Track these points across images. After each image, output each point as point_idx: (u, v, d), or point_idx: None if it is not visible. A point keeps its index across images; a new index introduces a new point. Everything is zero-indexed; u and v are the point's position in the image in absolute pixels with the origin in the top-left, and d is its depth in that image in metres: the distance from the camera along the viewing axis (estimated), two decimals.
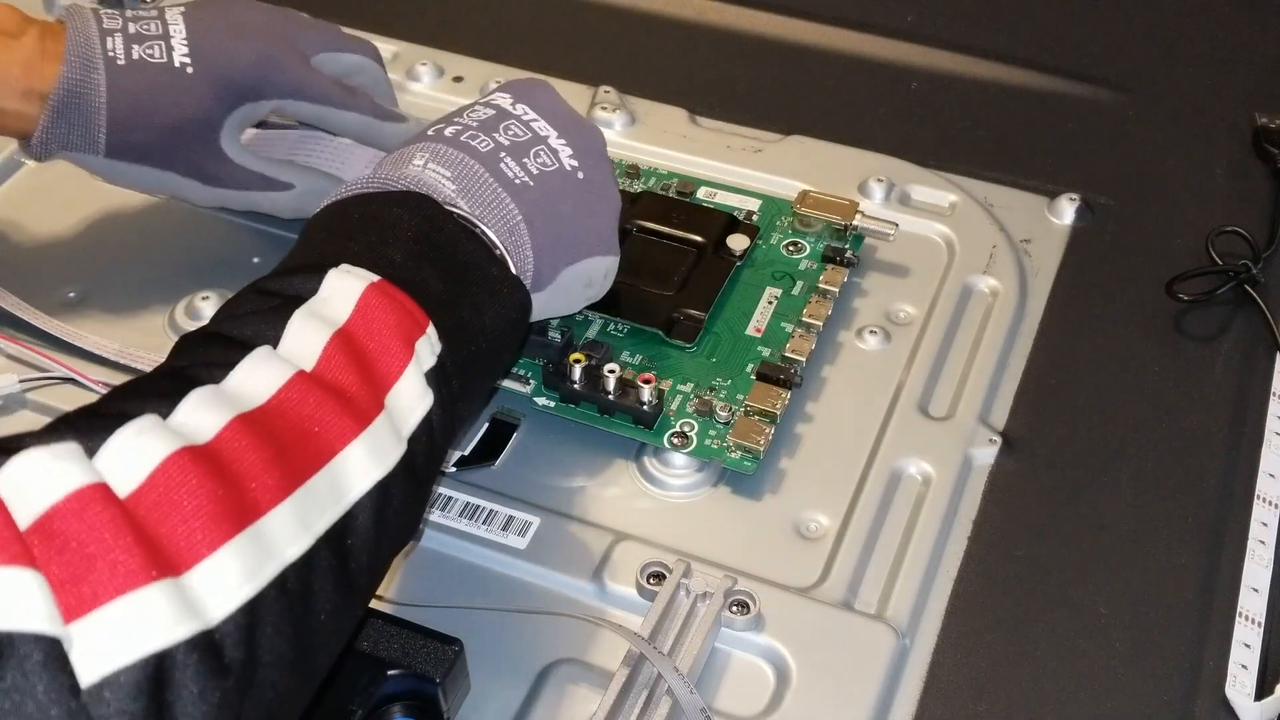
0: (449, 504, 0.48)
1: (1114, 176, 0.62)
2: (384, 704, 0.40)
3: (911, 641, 0.45)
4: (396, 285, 0.39)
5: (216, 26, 0.52)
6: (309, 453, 0.34)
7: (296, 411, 0.35)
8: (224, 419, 0.33)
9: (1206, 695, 0.44)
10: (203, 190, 0.53)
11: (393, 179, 0.43)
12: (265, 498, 0.33)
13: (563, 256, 0.46)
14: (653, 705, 0.41)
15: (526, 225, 0.45)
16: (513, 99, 0.48)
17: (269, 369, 0.35)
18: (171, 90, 0.51)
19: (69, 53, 0.49)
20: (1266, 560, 0.47)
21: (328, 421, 0.35)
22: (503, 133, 0.46)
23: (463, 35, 0.69)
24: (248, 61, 0.52)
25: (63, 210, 0.60)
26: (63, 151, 0.51)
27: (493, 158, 0.45)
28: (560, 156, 0.47)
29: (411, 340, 0.38)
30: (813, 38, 0.70)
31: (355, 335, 0.37)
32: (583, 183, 0.47)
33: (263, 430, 0.34)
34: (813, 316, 0.53)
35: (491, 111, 0.47)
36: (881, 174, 0.61)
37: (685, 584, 0.45)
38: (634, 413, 0.49)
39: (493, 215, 0.44)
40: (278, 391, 0.35)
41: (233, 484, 0.32)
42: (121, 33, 0.51)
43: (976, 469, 0.50)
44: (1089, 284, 0.57)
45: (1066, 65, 0.68)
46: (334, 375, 0.36)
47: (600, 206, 0.48)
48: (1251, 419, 0.52)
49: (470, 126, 0.46)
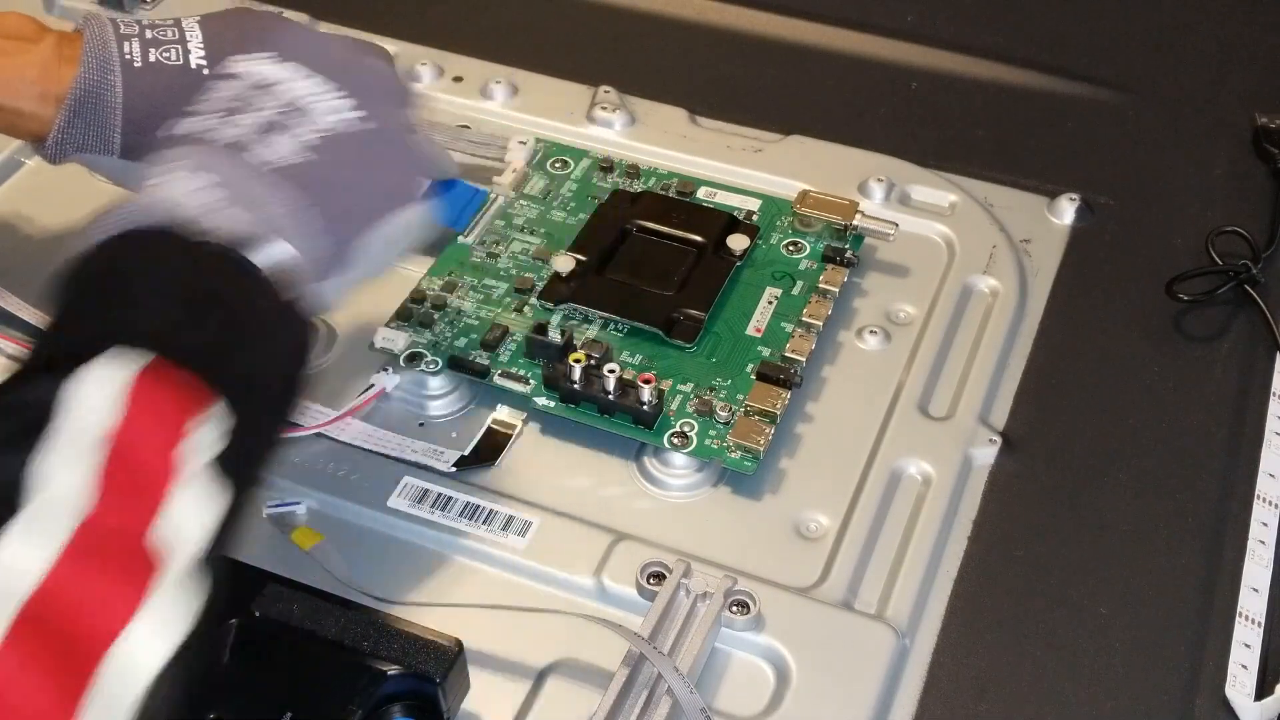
0: (449, 504, 0.48)
1: (1114, 176, 0.62)
2: (384, 704, 0.40)
3: (911, 641, 0.45)
4: (160, 363, 0.34)
5: (230, 33, 0.53)
6: (82, 654, 0.30)
7: (63, 600, 0.30)
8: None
9: (1206, 695, 0.44)
10: None
11: (131, 215, 0.39)
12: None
13: (354, 227, 0.43)
14: (653, 705, 0.41)
15: (300, 216, 0.40)
16: (274, 57, 0.44)
17: (22, 545, 0.30)
18: (187, 91, 0.51)
19: (86, 55, 0.50)
20: (1266, 560, 0.47)
21: (98, 602, 0.30)
22: (257, 109, 0.42)
23: (463, 35, 0.69)
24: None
25: (63, 210, 0.60)
26: (77, 153, 0.51)
27: (249, 146, 0.41)
28: (336, 113, 0.43)
29: (188, 433, 0.33)
30: (813, 38, 0.70)
31: (120, 455, 0.32)
32: (370, 134, 0.43)
33: (28, 637, 0.29)
34: (813, 316, 0.53)
35: (246, 84, 0.43)
36: (881, 174, 0.61)
37: (685, 584, 0.45)
38: (634, 413, 0.49)
39: (255, 224, 0.39)
40: (40, 584, 0.30)
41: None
42: (138, 38, 0.51)
43: (976, 469, 0.50)
44: (1089, 284, 0.57)
45: (1066, 65, 0.68)
46: (99, 527, 0.31)
47: (389, 154, 0.44)
48: (1251, 419, 0.52)
49: (219, 111, 0.42)
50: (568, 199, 0.59)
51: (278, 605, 0.41)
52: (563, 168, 0.61)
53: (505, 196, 0.59)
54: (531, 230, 0.58)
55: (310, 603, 0.41)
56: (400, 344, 0.53)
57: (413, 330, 0.53)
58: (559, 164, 0.61)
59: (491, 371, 0.52)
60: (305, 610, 0.41)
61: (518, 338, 0.53)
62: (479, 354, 0.52)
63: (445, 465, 0.50)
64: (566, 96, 0.65)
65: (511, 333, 0.53)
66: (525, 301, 0.54)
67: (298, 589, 0.41)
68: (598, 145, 0.63)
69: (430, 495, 0.49)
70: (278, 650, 0.40)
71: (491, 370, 0.52)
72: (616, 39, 0.71)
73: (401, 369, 0.52)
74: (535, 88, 0.66)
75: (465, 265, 0.56)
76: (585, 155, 0.62)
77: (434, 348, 0.53)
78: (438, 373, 0.52)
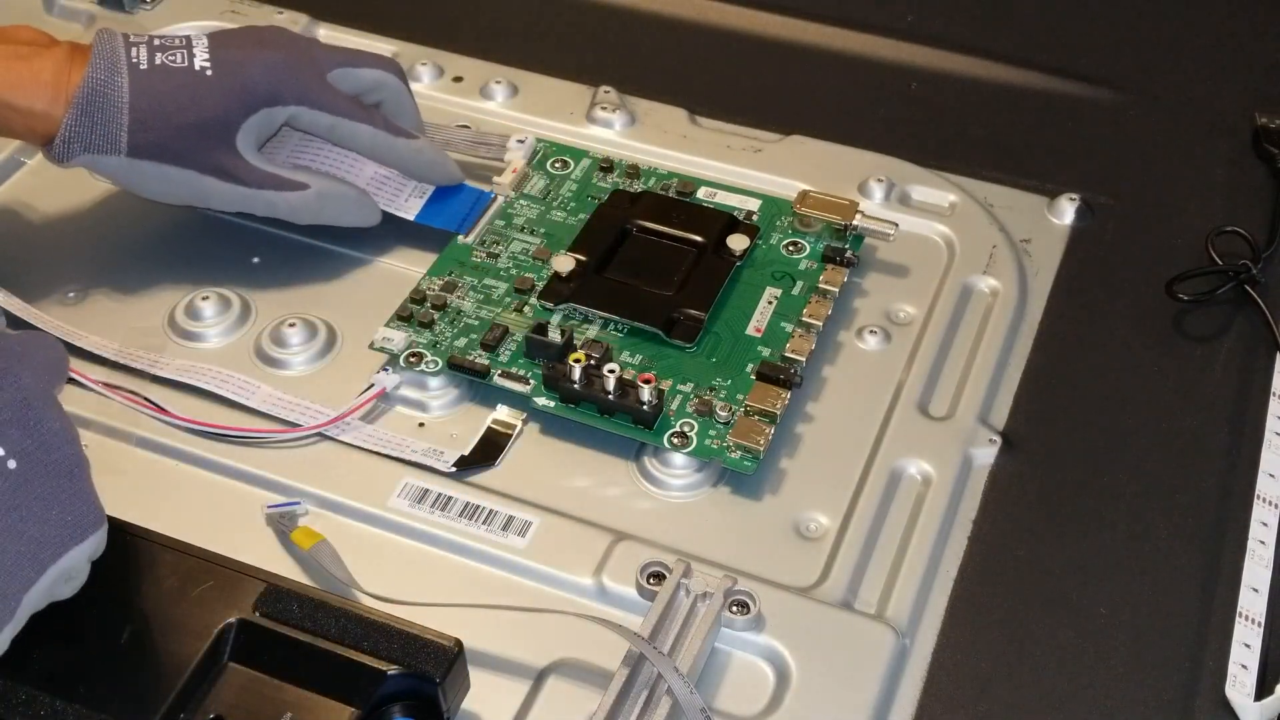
0: (449, 504, 0.48)
1: (1114, 176, 0.62)
2: (384, 704, 0.40)
3: (911, 641, 0.45)
4: None
5: (235, 41, 0.55)
6: None
7: None
8: None
9: (1206, 695, 0.44)
10: (221, 190, 0.54)
11: None
12: None
13: (18, 585, 0.37)
14: (653, 705, 0.41)
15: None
16: None
17: None
18: (191, 90, 0.53)
19: (95, 58, 0.52)
20: (1266, 560, 0.47)
21: None
22: None
23: (463, 35, 0.69)
24: (265, 68, 0.54)
25: (63, 210, 0.60)
26: (85, 154, 0.53)
27: None
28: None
29: None
30: (813, 38, 0.70)
31: None
32: (18, 476, 0.38)
33: None
34: (813, 316, 0.53)
35: None
36: (881, 174, 0.61)
37: (685, 584, 0.45)
38: (634, 413, 0.49)
39: None
40: None
41: None
42: (146, 45, 0.54)
43: (976, 469, 0.50)
44: (1089, 284, 0.57)
45: (1066, 65, 0.68)
46: None
47: (51, 492, 0.38)
48: (1251, 419, 0.52)
49: None
50: (568, 199, 0.59)
51: (278, 605, 0.41)
52: (563, 168, 0.61)
53: (505, 196, 0.59)
54: (531, 230, 0.58)
55: (310, 603, 0.41)
56: (400, 344, 0.53)
57: (413, 330, 0.53)
58: (559, 164, 0.61)
59: (491, 371, 0.52)
60: (305, 610, 0.41)
61: (518, 338, 0.53)
62: (479, 354, 0.52)
63: (445, 465, 0.50)
64: (566, 96, 0.65)
65: (511, 333, 0.53)
66: (525, 301, 0.54)
67: (298, 589, 0.41)
68: (598, 145, 0.63)
69: (430, 495, 0.49)
70: (278, 650, 0.40)
71: (491, 370, 0.52)
72: (616, 39, 0.71)
73: (401, 369, 0.52)
74: (535, 88, 0.66)
75: (465, 265, 0.56)
76: (585, 155, 0.62)
77: (434, 348, 0.53)
78: (438, 373, 0.52)
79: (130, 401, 0.51)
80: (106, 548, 0.41)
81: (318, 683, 0.40)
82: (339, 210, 0.56)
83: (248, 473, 0.49)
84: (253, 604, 0.41)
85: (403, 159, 0.57)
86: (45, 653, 0.39)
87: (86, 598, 0.40)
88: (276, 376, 0.53)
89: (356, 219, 0.57)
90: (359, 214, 0.57)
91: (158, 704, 0.38)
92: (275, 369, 0.53)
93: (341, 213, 0.56)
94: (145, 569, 0.42)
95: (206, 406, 0.51)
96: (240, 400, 0.51)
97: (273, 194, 0.55)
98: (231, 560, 0.42)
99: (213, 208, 0.56)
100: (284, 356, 0.54)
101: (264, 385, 0.52)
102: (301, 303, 0.56)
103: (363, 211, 0.57)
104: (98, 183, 0.61)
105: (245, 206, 0.55)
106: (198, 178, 0.54)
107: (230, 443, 0.50)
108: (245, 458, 0.50)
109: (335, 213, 0.56)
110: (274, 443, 0.50)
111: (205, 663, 0.40)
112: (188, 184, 0.54)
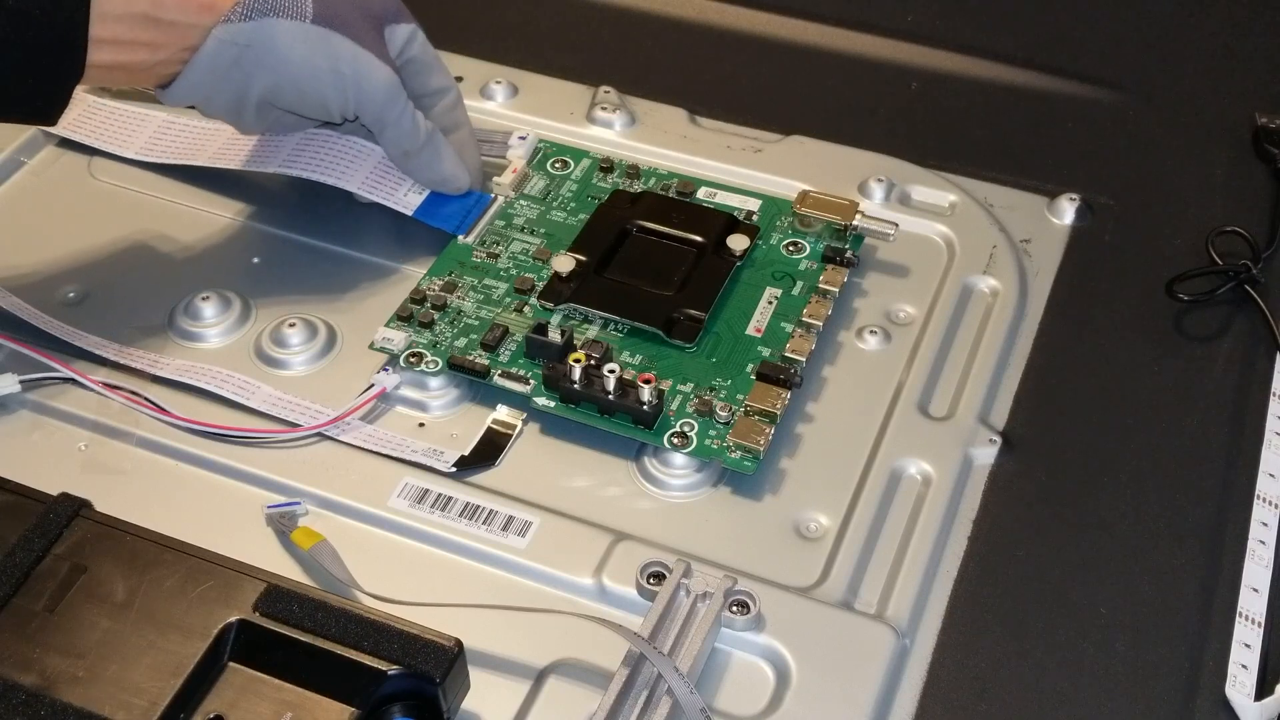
0: (449, 504, 0.48)
1: (1114, 176, 0.62)
2: (384, 704, 0.40)
3: (911, 641, 0.45)
4: None
5: None
6: None
7: None
8: None
9: (1206, 695, 0.44)
10: (380, 78, 0.53)
11: None
12: None
13: None
14: (653, 705, 0.41)
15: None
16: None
17: None
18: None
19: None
20: (1266, 560, 0.47)
21: None
22: None
23: (463, 35, 0.69)
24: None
25: (63, 210, 0.60)
26: (269, 15, 0.51)
27: None
28: None
29: None
30: (813, 38, 0.70)
31: None
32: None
33: None
34: (813, 316, 0.53)
35: None
36: (881, 174, 0.61)
37: (685, 584, 0.45)
38: (634, 413, 0.49)
39: None
40: None
41: None
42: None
43: (976, 469, 0.50)
44: (1089, 284, 0.57)
45: (1066, 65, 0.68)
46: None
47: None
48: (1251, 419, 0.52)
49: None
50: (568, 199, 0.59)
51: (278, 605, 0.41)
52: (563, 168, 0.61)
53: (505, 196, 0.59)
54: (531, 230, 0.58)
55: (310, 603, 0.41)
56: (400, 344, 0.53)
57: (413, 330, 0.53)
58: (559, 164, 0.61)
59: (491, 371, 0.52)
60: (305, 610, 0.41)
61: (518, 338, 0.53)
62: (479, 354, 0.52)
63: (445, 465, 0.50)
64: (566, 96, 0.65)
65: (511, 333, 0.53)
66: (525, 302, 0.54)
67: (298, 589, 0.41)
68: (598, 145, 0.63)
69: (430, 495, 0.49)
70: (278, 650, 0.40)
71: (491, 370, 0.52)
72: (616, 39, 0.71)
73: (401, 369, 0.52)
74: (535, 88, 0.66)
75: (465, 265, 0.56)
76: (585, 155, 0.62)
77: (434, 348, 0.53)
78: (438, 373, 0.52)
79: (130, 401, 0.51)
80: (107, 548, 0.41)
81: (318, 683, 0.40)
82: (433, 157, 0.56)
83: (248, 473, 0.49)
84: (253, 604, 0.41)
85: (459, 138, 0.58)
86: (45, 653, 0.39)
87: (87, 598, 0.41)
88: (276, 376, 0.53)
89: (440, 175, 0.57)
90: (450, 172, 0.57)
91: (158, 704, 0.38)
92: (275, 369, 0.53)
93: (437, 160, 0.57)
94: (145, 569, 0.42)
95: (206, 406, 0.51)
96: (240, 400, 0.51)
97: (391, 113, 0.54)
98: (232, 560, 0.42)
99: (348, 110, 0.54)
100: (284, 356, 0.54)
101: (264, 385, 0.52)
102: (301, 303, 0.56)
103: (456, 171, 0.57)
104: (98, 183, 0.61)
105: (387, 105, 0.54)
106: (365, 56, 0.52)
107: (230, 443, 0.50)
108: (245, 458, 0.50)
109: (430, 156, 0.56)
110: (274, 443, 0.50)
111: (205, 663, 0.40)
112: (353, 61, 0.52)
